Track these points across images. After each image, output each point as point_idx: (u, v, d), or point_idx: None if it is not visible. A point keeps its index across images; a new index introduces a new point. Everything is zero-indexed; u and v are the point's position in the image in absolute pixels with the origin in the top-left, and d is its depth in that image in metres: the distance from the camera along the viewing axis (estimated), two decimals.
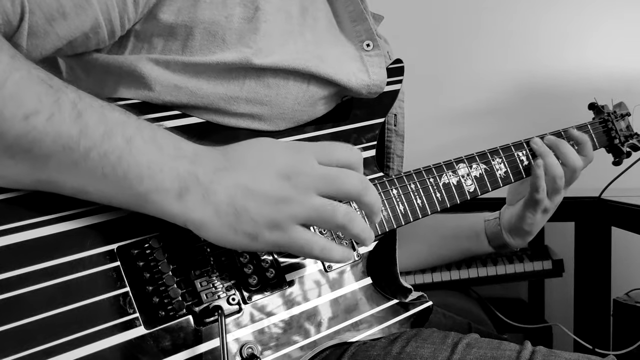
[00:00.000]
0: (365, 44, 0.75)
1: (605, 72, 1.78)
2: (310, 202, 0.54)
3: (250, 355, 0.60)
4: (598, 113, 1.00)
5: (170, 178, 0.52)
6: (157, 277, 0.58)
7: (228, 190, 0.53)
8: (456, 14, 1.85)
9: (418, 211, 0.76)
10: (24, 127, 0.49)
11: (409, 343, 0.66)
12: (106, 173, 0.51)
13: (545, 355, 0.64)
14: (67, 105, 0.50)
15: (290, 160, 0.55)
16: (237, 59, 0.64)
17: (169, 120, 0.65)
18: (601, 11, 1.79)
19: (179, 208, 0.53)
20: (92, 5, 0.58)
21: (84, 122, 0.50)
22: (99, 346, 0.53)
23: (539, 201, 0.87)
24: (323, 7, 0.75)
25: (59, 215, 0.55)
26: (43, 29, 0.56)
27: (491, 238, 0.96)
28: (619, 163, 1.01)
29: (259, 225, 0.53)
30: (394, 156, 0.88)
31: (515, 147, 0.87)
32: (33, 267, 0.53)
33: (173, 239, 0.60)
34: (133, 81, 0.64)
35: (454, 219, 0.81)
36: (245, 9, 0.65)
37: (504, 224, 0.94)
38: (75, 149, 0.50)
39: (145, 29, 0.64)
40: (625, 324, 1.30)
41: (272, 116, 0.69)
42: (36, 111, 0.49)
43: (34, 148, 0.50)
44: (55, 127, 0.49)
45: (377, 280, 0.72)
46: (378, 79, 0.74)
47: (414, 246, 0.99)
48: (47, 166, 0.51)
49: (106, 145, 0.51)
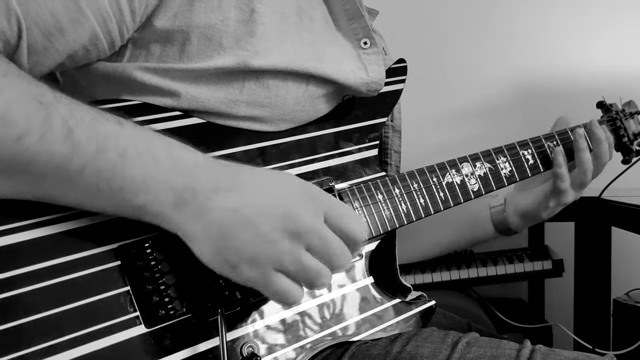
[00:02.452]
0: (362, 42, 0.75)
1: (609, 71, 1.78)
2: (298, 254, 0.53)
3: (250, 354, 0.60)
4: (606, 111, 1.00)
5: (165, 191, 0.52)
6: (157, 276, 0.58)
7: (224, 212, 0.52)
8: (458, 13, 1.84)
9: (421, 210, 0.76)
10: (18, 149, 0.49)
11: (409, 342, 0.66)
12: (102, 188, 0.51)
13: (545, 353, 0.64)
14: (57, 123, 0.49)
15: (300, 207, 0.54)
16: (235, 63, 0.64)
17: (170, 120, 0.65)
18: (602, 11, 1.79)
19: (175, 218, 0.53)
20: (88, 18, 0.57)
21: (75, 139, 0.50)
22: (100, 344, 0.54)
23: (565, 191, 0.88)
24: (319, 7, 0.74)
25: (59, 215, 0.55)
26: (42, 45, 0.56)
27: (497, 224, 0.97)
28: (628, 161, 1.00)
29: (241, 258, 0.53)
30: (391, 152, 0.88)
31: (520, 146, 0.87)
32: (34, 267, 0.53)
33: (173, 239, 0.59)
34: (135, 89, 0.64)
35: (456, 209, 0.81)
36: (240, 12, 0.64)
37: (516, 209, 0.95)
38: (69, 167, 0.50)
39: (142, 36, 0.64)
40: (625, 324, 1.29)
41: (272, 117, 0.69)
42: (27, 132, 0.48)
43: (30, 168, 0.50)
44: (47, 146, 0.49)
45: (378, 279, 0.72)
46: (377, 76, 0.74)
47: (416, 238, 0.99)
48: (44, 184, 0.51)
49: (99, 161, 0.51)
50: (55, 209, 0.55)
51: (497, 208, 0.97)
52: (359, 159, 0.75)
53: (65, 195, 0.53)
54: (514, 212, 0.95)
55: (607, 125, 0.97)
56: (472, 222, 0.99)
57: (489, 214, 0.97)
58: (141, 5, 0.60)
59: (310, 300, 0.66)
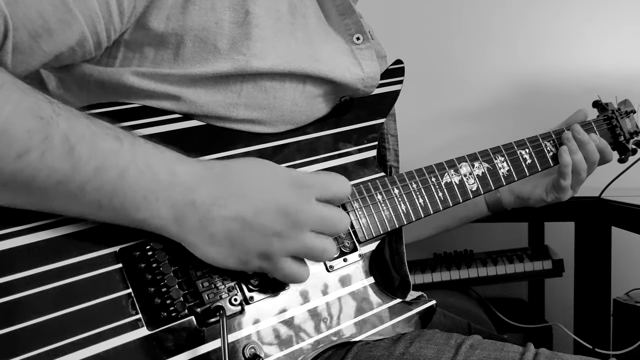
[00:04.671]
0: (355, 37, 0.75)
1: (607, 70, 1.79)
2: (302, 239, 0.58)
3: (252, 355, 0.60)
4: (602, 110, 1.00)
5: (166, 206, 0.54)
6: (159, 278, 0.58)
7: (226, 222, 0.55)
8: (458, 13, 1.85)
9: (420, 210, 0.76)
10: (18, 166, 0.49)
11: (412, 344, 0.66)
12: (103, 205, 0.53)
13: (548, 357, 0.64)
14: (58, 140, 0.50)
15: (292, 197, 0.57)
16: (233, 68, 0.64)
17: (170, 123, 0.65)
18: (603, 11, 1.79)
19: (177, 230, 0.55)
20: (77, 19, 0.56)
21: (76, 156, 0.51)
22: (102, 347, 0.54)
23: (565, 188, 0.93)
24: (310, 3, 0.74)
25: (61, 218, 0.56)
26: (28, 45, 0.55)
27: (490, 204, 1.03)
28: (624, 160, 1.01)
29: (251, 254, 0.57)
30: (388, 136, 0.88)
31: (518, 146, 0.87)
32: (37, 270, 0.53)
33: (174, 241, 0.60)
34: (131, 95, 0.64)
35: None
36: (235, 13, 0.64)
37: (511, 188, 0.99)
38: (71, 184, 0.51)
39: (135, 39, 0.63)
40: (625, 324, 1.30)
41: (271, 119, 0.69)
42: (28, 149, 0.49)
43: (31, 184, 0.50)
44: (48, 163, 0.50)
45: (378, 280, 0.72)
46: (371, 71, 0.74)
47: None
48: (46, 199, 0.52)
49: (100, 179, 0.52)
50: None
51: None
52: (358, 160, 0.75)
53: (67, 210, 0.54)
54: (509, 190, 1.00)
55: (604, 124, 0.98)
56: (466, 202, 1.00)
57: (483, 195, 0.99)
58: (129, 6, 0.59)
59: (311, 301, 0.66)
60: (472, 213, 1.04)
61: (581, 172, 0.91)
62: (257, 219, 0.56)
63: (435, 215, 0.79)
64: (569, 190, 0.93)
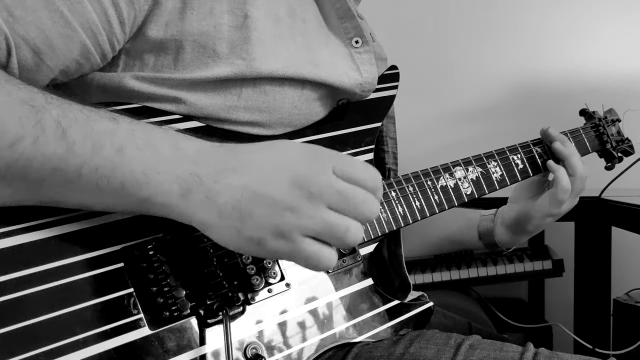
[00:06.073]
0: (354, 41, 0.75)
1: (606, 72, 1.79)
2: (320, 216, 0.51)
3: (254, 356, 0.60)
4: (589, 118, 1.02)
5: (169, 180, 0.51)
6: (161, 278, 0.58)
7: (233, 191, 0.51)
8: (458, 14, 1.85)
9: (417, 213, 0.77)
10: (12, 155, 0.48)
11: (412, 344, 0.67)
12: (102, 186, 0.50)
13: (548, 357, 0.65)
14: (50, 125, 0.49)
15: (306, 168, 0.52)
16: (232, 72, 0.64)
17: (170, 123, 0.65)
18: (603, 11, 1.79)
19: (184, 208, 0.52)
20: (77, 32, 0.57)
21: (70, 139, 0.49)
22: (104, 347, 0.54)
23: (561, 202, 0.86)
24: (310, 7, 0.74)
25: (62, 217, 0.56)
26: (33, 62, 0.56)
27: (482, 234, 0.96)
28: (611, 168, 1.02)
29: (264, 231, 0.51)
30: (387, 139, 0.88)
31: (510, 151, 0.88)
32: (37, 269, 0.53)
33: (176, 240, 0.60)
34: (132, 98, 0.64)
35: (448, 212, 0.81)
36: (234, 17, 0.64)
37: (504, 220, 0.93)
38: (66, 169, 0.49)
39: (135, 47, 0.63)
40: (625, 324, 1.30)
41: (271, 122, 0.69)
42: (20, 137, 0.48)
43: (27, 174, 0.49)
44: (42, 149, 0.48)
45: (378, 281, 0.73)
46: (370, 76, 0.74)
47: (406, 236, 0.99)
48: (44, 188, 0.51)
49: (96, 159, 0.50)
50: (58, 211, 0.55)
51: (487, 216, 0.96)
52: None
53: (67, 198, 0.52)
54: (501, 222, 0.94)
55: (591, 131, 0.98)
56: (465, 222, 0.98)
57: (477, 220, 0.97)
58: (130, 15, 0.59)
59: (311, 302, 0.67)
60: (466, 238, 0.98)
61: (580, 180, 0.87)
62: (266, 190, 0.51)
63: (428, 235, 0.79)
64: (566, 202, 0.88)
